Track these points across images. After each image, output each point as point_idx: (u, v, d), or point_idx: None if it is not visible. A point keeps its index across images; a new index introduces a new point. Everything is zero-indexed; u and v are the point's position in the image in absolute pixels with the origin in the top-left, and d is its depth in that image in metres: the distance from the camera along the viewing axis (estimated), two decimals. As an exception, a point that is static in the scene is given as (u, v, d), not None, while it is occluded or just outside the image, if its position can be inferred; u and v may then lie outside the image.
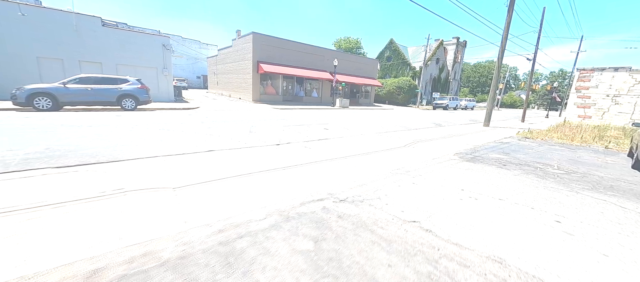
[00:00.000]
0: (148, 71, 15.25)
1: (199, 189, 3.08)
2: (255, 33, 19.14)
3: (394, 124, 11.52)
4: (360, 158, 4.98)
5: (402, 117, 16.50)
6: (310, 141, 6.75)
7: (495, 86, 12.27)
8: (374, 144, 6.55)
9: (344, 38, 51.85)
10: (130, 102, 10.69)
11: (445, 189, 3.41)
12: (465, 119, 18.65)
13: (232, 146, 5.64)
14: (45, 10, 12.29)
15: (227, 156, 4.77)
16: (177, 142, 5.56)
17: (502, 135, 9.66)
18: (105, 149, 4.75)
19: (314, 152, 5.36)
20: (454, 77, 48.31)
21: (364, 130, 9.21)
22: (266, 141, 6.33)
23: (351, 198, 2.96)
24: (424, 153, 5.72)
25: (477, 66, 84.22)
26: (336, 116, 13.82)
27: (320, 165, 4.37)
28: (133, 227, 2.18)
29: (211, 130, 7.11)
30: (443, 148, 6.43)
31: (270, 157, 4.75)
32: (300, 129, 8.50)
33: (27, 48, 12.06)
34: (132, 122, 7.71)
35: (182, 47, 40.00)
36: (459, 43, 46.01)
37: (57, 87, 9.30)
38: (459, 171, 4.34)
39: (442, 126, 12.36)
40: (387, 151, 5.86)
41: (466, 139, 8.16)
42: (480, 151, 6.34)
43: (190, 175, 3.57)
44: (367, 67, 28.81)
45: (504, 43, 11.64)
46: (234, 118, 10.20)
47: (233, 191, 3.07)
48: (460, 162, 4.98)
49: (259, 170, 3.95)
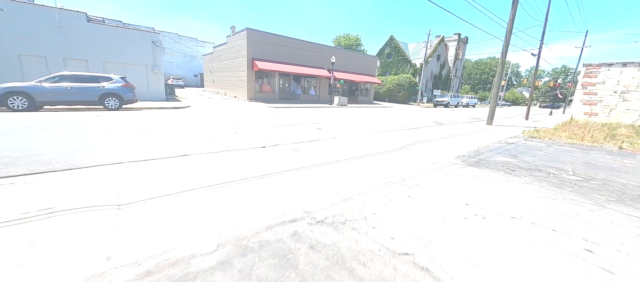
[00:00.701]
0: (137, 69, 14.70)
1: (151, 207, 2.55)
2: (249, 29, 18.53)
3: (392, 123, 10.96)
4: (351, 163, 4.43)
5: (402, 115, 15.93)
6: (300, 142, 6.22)
7: (499, 83, 11.68)
8: (368, 146, 6.00)
9: (344, 35, 51.08)
10: (114, 102, 10.15)
11: (447, 204, 2.86)
12: (467, 117, 18.06)
13: (211, 149, 5.11)
14: (26, 5, 11.73)
15: (202, 161, 4.23)
16: (150, 146, 5.03)
17: (507, 134, 9.09)
18: (64, 155, 4.22)
19: (301, 156, 4.82)
20: (456, 74, 47.63)
21: (359, 130, 8.66)
22: (251, 143, 5.79)
23: (331, 218, 2.42)
24: (423, 156, 5.17)
25: (479, 63, 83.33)
26: (332, 115, 13.26)
27: (304, 172, 3.83)
28: (30, 271, 1.64)
29: (193, 132, 6.57)
30: (444, 150, 5.88)
31: (250, 163, 4.21)
32: (292, 129, 7.96)
33: (7, 45, 11.51)
34: (109, 123, 7.18)
35: (178, 45, 39.41)
36: (460, 39, 45.27)
37: (34, 86, 8.77)
38: (462, 179, 3.79)
39: (443, 125, 11.80)
40: (382, 153, 5.31)
41: (469, 139, 7.60)
42: (484, 153, 5.78)
43: (149, 186, 3.03)
44: (366, 64, 28.18)
45: (508, 37, 11.03)
46: (223, 117, 9.65)
47: (191, 208, 2.53)
48: (463, 168, 4.42)
49: (232, 179, 3.41)
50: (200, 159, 4.39)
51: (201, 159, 4.39)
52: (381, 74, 41.61)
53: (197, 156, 4.59)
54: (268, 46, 19.77)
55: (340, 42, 49.50)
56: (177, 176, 3.44)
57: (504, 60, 11.33)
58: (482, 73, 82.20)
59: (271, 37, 19.89)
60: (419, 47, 42.48)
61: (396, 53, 41.13)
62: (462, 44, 46.91)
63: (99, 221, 2.26)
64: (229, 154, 4.84)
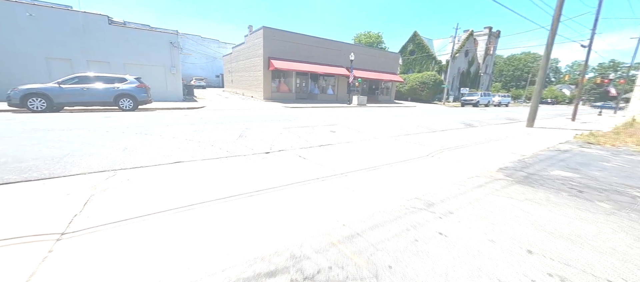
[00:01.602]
0: (155, 70, 14.87)
1: (98, 238, 1.96)
2: (265, 27, 18.17)
3: (415, 125, 9.90)
4: (365, 176, 3.63)
5: (426, 115, 14.66)
6: (309, 147, 5.52)
7: (543, 78, 10.14)
8: (387, 152, 5.15)
9: (364, 33, 49.69)
10: (128, 102, 10.12)
11: (499, 252, 1.99)
12: (500, 117, 16.31)
13: (209, 155, 4.56)
14: (53, 10, 12.19)
15: (193, 170, 3.68)
16: (144, 151, 4.59)
17: (554, 139, 7.71)
18: (48, 161, 3.85)
19: (307, 164, 4.11)
20: (485, 71, 44.44)
21: (378, 132, 7.78)
22: (254, 148, 5.19)
23: (326, 273, 1.67)
24: (454, 168, 4.23)
25: (511, 59, 77.60)
26: (349, 116, 12.42)
27: (306, 188, 3.11)
28: None
29: (195, 135, 6.11)
30: (480, 159, 4.87)
31: (246, 174, 3.57)
32: (302, 131, 7.28)
33: (36, 49, 12.02)
34: (113, 125, 6.95)
35: (201, 47, 40.49)
36: (491, 33, 42.10)
37: (52, 88, 8.90)
38: (511, 204, 2.85)
39: (474, 127, 10.51)
40: (404, 163, 4.44)
41: (509, 145, 6.44)
42: (534, 164, 4.68)
43: (115, 205, 2.48)
44: (387, 61, 26.87)
45: (554, 26, 9.49)
46: (233, 118, 9.22)
47: (142, 244, 1.91)
48: (510, 186, 3.45)
49: (214, 197, 2.78)
50: (191, 167, 3.83)
51: (193, 167, 3.84)
52: (403, 72, 39.80)
53: (190, 163, 4.05)
54: (285, 45, 19.32)
55: (360, 40, 48.20)
56: (154, 191, 2.88)
57: (549, 53, 9.79)
58: (515, 69, 76.46)
59: (288, 35, 19.40)
60: (445, 43, 40.07)
61: (420, 50, 39.08)
62: (494, 39, 43.58)
63: (22, 258, 1.70)
64: (226, 161, 4.25)
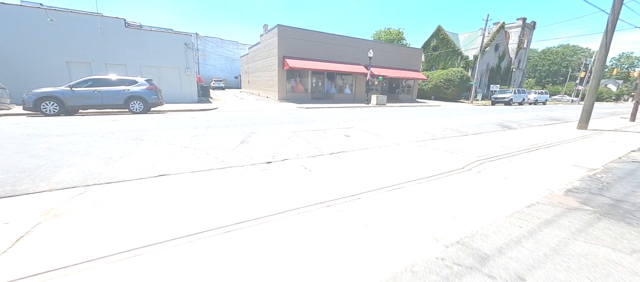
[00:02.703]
0: (171, 71, 14.84)
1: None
2: (280, 26, 17.62)
3: (442, 126, 8.73)
4: (383, 200, 2.75)
5: (454, 116, 13.25)
6: (319, 155, 4.72)
7: (601, 71, 8.51)
8: (412, 164, 4.20)
9: (384, 30, 47.99)
10: (139, 105, 9.93)
11: None
12: (541, 117, 14.43)
13: (201, 166, 3.93)
14: (72, 14, 12.43)
15: (174, 188, 3.04)
16: (130, 161, 4.03)
17: (621, 146, 6.26)
18: (20, 174, 3.39)
19: (311, 181, 3.31)
20: (518, 66, 41.03)
21: (399, 136, 6.79)
22: (254, 157, 4.49)
23: None
24: (503, 189, 3.20)
25: (547, 52, 71.54)
26: (367, 116, 11.44)
27: (301, 223, 2.30)
28: None
29: (193, 141, 5.52)
30: (535, 175, 3.77)
31: (234, 194, 2.86)
32: (313, 136, 6.48)
33: (57, 53, 12.33)
34: (113, 129, 6.59)
35: (220, 49, 41.14)
36: (525, 25, 38.72)
37: (64, 91, 8.87)
38: (609, 259, 1.84)
39: (512, 129, 9.12)
40: (434, 179, 3.49)
41: (566, 154, 5.19)
42: (613, 184, 3.51)
43: (48, 245, 1.84)
44: (409, 58, 25.36)
45: (618, 6, 7.87)
46: (241, 121, 8.64)
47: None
48: (595, 223, 2.40)
49: (180, 234, 2.06)
50: (174, 183, 3.20)
51: (176, 183, 3.20)
52: (426, 69, 37.71)
53: (175, 177, 3.42)
54: (300, 43, 18.66)
55: (380, 37, 46.60)
56: (113, 219, 2.23)
57: (609, 41, 8.17)
58: (551, 64, 70.40)
59: (303, 33, 18.72)
60: (472, 37, 37.40)
61: (444, 45, 36.77)
62: (528, 31, 40.03)
63: None
64: (218, 174, 3.58)
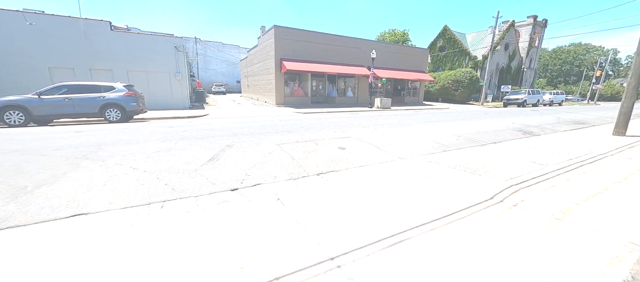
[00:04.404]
0: (160, 76, 14.04)
1: None
2: (277, 26, 16.72)
3: (454, 134, 7.55)
4: (376, 270, 1.65)
5: (465, 120, 12.01)
6: (301, 177, 3.68)
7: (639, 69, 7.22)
8: (420, 191, 3.09)
9: (389, 31, 46.91)
10: (116, 113, 9.06)
11: None
12: (563, 120, 13.03)
13: (139, 198, 2.92)
14: (53, 17, 11.74)
15: (82, 237, 2.00)
16: (47, 192, 3.02)
17: (684, 157, 4.99)
18: None
19: (279, 224, 2.24)
20: (529, 66, 39.33)
21: (405, 147, 5.68)
22: (218, 182, 3.48)
23: None
24: (559, 241, 2.06)
25: (558, 51, 69.21)
26: (368, 123, 10.33)
27: None
28: None
29: (150, 160, 4.51)
30: (598, 212, 2.61)
31: (156, 256, 1.78)
32: (301, 149, 5.42)
33: (38, 59, 11.64)
34: (67, 144, 5.65)
35: (222, 53, 40.65)
36: (536, 23, 37.10)
37: (30, 99, 8.04)
38: None
39: (535, 135, 7.90)
40: (453, 221, 2.36)
41: (624, 175, 3.99)
42: None
43: None
44: (414, 59, 24.17)
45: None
46: (222, 130, 7.63)
47: None
48: None
49: None
50: (88, 227, 2.21)
51: (90, 227, 2.21)
52: (432, 70, 36.39)
53: (95, 217, 2.45)
54: (299, 44, 17.71)
55: (384, 38, 45.48)
56: None
57: (653, 31, 6.92)
58: (562, 63, 68.02)
59: (302, 33, 17.79)
60: (480, 37, 35.99)
61: (451, 45, 35.42)
62: (539, 29, 38.36)
63: None
64: (157, 211, 2.56)
